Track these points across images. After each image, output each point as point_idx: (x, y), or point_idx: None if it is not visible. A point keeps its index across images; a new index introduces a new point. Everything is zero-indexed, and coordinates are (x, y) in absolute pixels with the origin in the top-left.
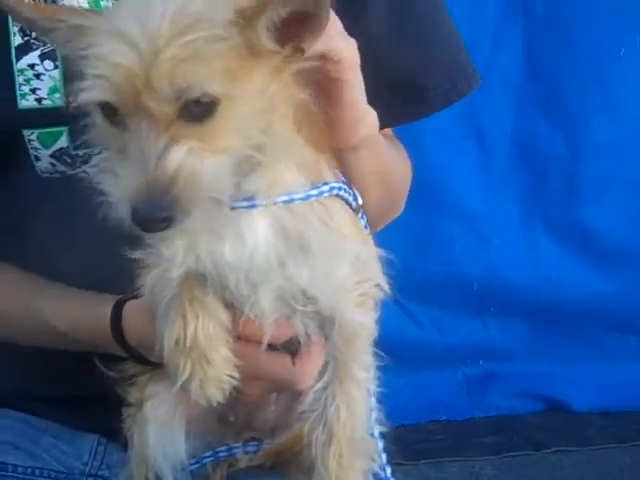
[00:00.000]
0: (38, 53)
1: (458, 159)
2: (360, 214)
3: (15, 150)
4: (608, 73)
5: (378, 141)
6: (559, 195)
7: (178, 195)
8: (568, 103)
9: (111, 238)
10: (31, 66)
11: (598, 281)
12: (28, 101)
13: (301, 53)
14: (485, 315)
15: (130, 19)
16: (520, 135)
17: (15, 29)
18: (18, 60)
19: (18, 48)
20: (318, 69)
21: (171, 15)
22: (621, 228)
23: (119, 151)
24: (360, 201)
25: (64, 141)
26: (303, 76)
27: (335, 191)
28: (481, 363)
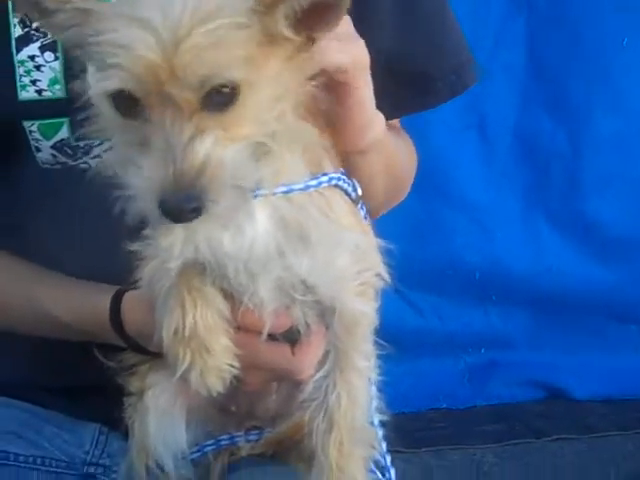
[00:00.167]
0: (38, 44)
1: (461, 151)
2: (360, 204)
3: (16, 141)
4: (611, 67)
5: (386, 143)
6: (561, 187)
7: (206, 185)
8: (570, 97)
9: (112, 231)
10: (31, 57)
11: (599, 271)
12: (28, 92)
13: (312, 42)
14: (487, 304)
15: (150, 5)
16: (522, 128)
17: (15, 20)
18: (18, 51)
19: (18, 39)
20: (327, 73)
21: (192, 2)
22: (622, 219)
23: (139, 143)
24: (359, 192)
25: (65, 132)
26: (313, 73)
27: (334, 181)
28: (483, 352)
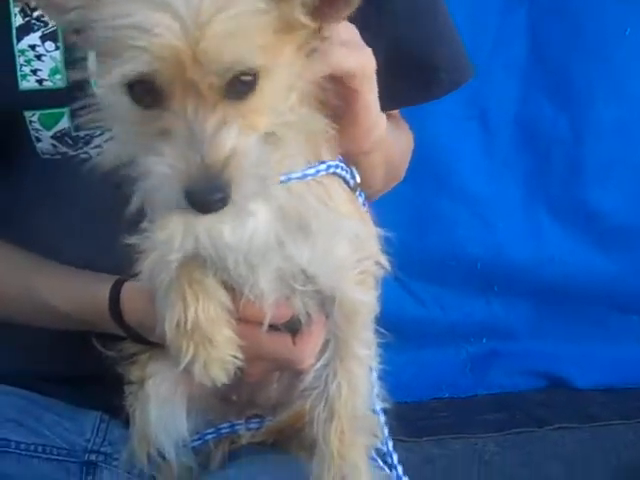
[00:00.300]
0: (39, 34)
1: (462, 141)
2: (358, 192)
3: (16, 131)
4: (613, 55)
5: (386, 138)
6: (562, 176)
7: (232, 176)
8: (572, 86)
9: (111, 221)
10: (32, 47)
11: (601, 261)
12: (29, 82)
13: (319, 32)
14: (489, 294)
15: None
16: (524, 117)
17: (16, 10)
18: (19, 41)
19: (19, 29)
20: (333, 79)
21: None
22: (624, 208)
23: (158, 132)
24: (358, 179)
25: (65, 122)
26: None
27: (332, 170)
28: (484, 341)
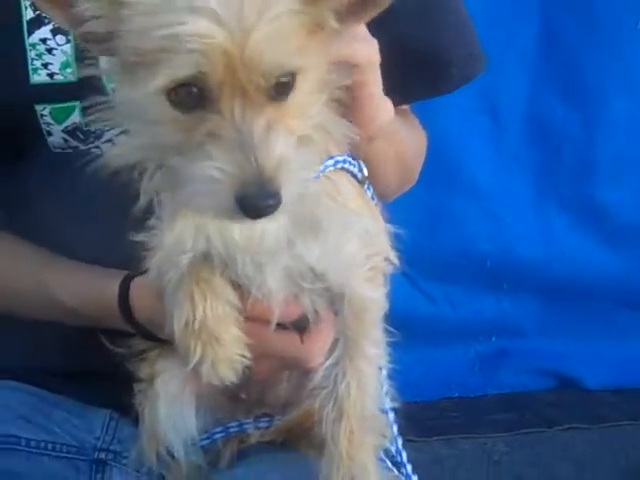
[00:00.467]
0: (50, 27)
1: (472, 136)
2: (366, 185)
3: (27, 125)
4: (625, 51)
5: (395, 130)
6: (572, 172)
7: (282, 181)
8: (584, 80)
9: (122, 216)
10: (43, 40)
11: (611, 258)
12: (40, 76)
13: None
14: (498, 291)
15: None
16: (535, 112)
17: (27, 3)
18: (30, 34)
19: (30, 22)
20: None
21: None
22: (635, 206)
23: (204, 136)
24: (365, 172)
25: (76, 116)
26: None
27: (340, 164)
28: (494, 340)
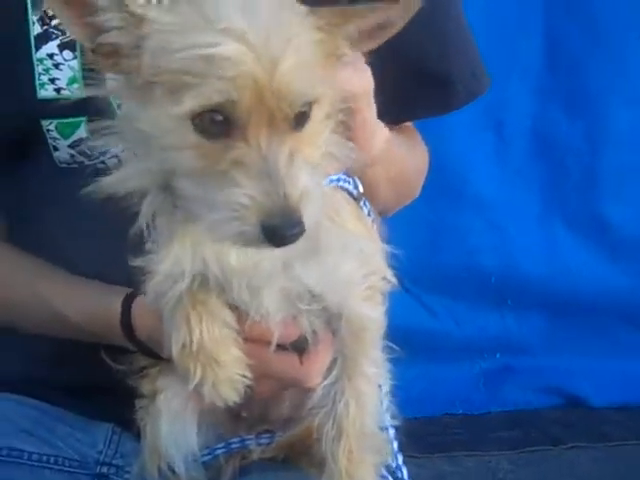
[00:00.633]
0: (57, 43)
1: (476, 151)
2: (362, 202)
3: (34, 140)
4: (629, 64)
5: (389, 153)
6: (577, 187)
7: (305, 210)
8: (588, 94)
9: (124, 234)
10: (50, 56)
11: (617, 274)
12: (47, 91)
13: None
14: (502, 308)
15: (235, 17)
16: (539, 126)
17: (34, 18)
18: (37, 49)
19: (37, 37)
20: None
21: (276, 15)
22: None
23: (230, 164)
24: (361, 189)
25: (82, 132)
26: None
27: (334, 183)
28: (498, 356)
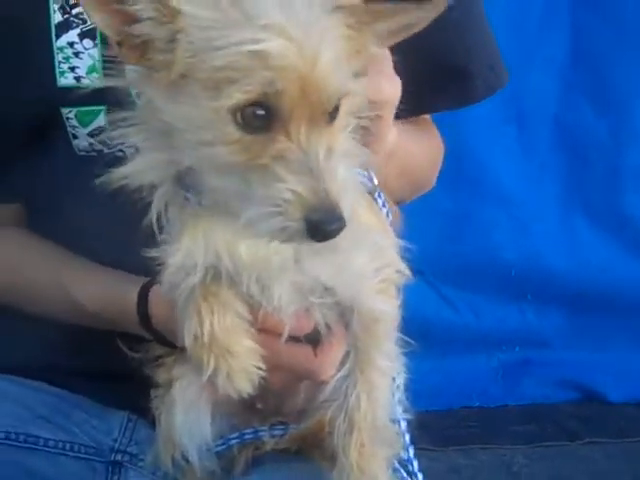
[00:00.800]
0: (78, 31)
1: (499, 144)
2: (377, 193)
3: (53, 128)
4: None
5: (400, 149)
6: (600, 181)
7: (343, 205)
8: (613, 88)
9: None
10: (70, 44)
11: (638, 268)
12: (67, 79)
13: None
14: (522, 301)
15: (275, 13)
16: (562, 120)
17: (55, 6)
18: (58, 38)
19: (58, 26)
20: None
21: (310, 11)
22: None
23: (275, 157)
24: (375, 181)
25: (102, 120)
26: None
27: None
28: (517, 350)
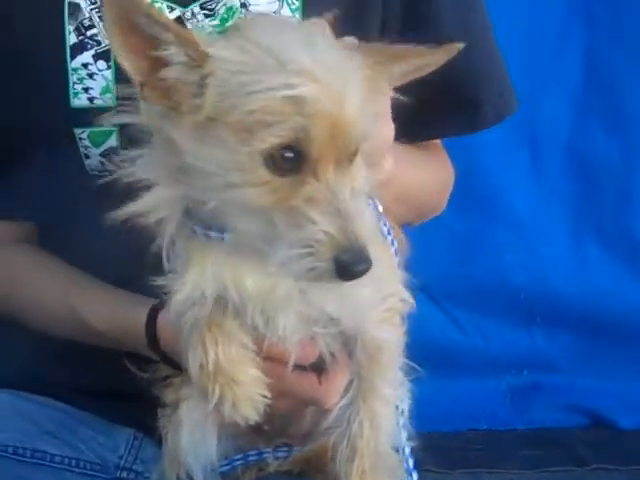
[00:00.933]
0: (92, 53)
1: (510, 167)
2: (382, 221)
3: (66, 147)
4: None
5: (397, 177)
6: (612, 206)
7: (369, 246)
8: (626, 113)
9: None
10: (84, 65)
11: None
12: (80, 100)
13: None
14: (531, 325)
15: (302, 57)
16: (574, 144)
17: (71, 28)
18: (72, 59)
19: (73, 47)
20: None
21: (333, 54)
22: None
23: (306, 199)
24: (380, 209)
25: (113, 141)
26: None
27: None
28: (525, 373)
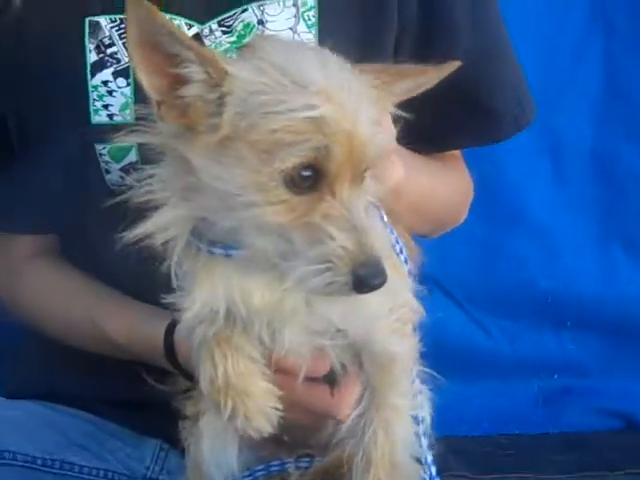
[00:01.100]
0: (112, 70)
1: (534, 173)
2: (388, 228)
3: (87, 163)
4: None
5: (407, 185)
6: (636, 211)
7: (383, 259)
8: None
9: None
10: (104, 83)
11: None
12: (101, 116)
13: None
14: (560, 329)
15: (321, 79)
16: (598, 150)
17: (91, 46)
18: (93, 76)
19: (93, 65)
20: None
21: (345, 75)
22: None
23: (323, 215)
24: (385, 218)
25: (133, 156)
26: None
27: None
28: (555, 377)
